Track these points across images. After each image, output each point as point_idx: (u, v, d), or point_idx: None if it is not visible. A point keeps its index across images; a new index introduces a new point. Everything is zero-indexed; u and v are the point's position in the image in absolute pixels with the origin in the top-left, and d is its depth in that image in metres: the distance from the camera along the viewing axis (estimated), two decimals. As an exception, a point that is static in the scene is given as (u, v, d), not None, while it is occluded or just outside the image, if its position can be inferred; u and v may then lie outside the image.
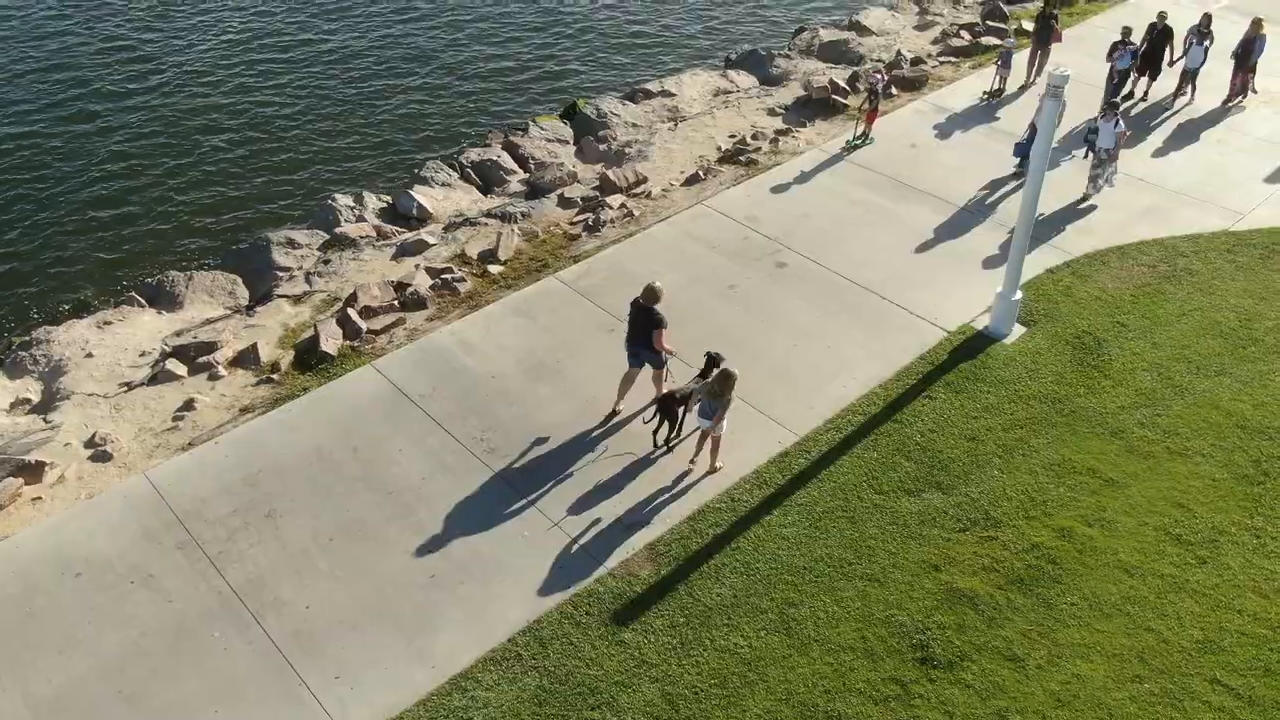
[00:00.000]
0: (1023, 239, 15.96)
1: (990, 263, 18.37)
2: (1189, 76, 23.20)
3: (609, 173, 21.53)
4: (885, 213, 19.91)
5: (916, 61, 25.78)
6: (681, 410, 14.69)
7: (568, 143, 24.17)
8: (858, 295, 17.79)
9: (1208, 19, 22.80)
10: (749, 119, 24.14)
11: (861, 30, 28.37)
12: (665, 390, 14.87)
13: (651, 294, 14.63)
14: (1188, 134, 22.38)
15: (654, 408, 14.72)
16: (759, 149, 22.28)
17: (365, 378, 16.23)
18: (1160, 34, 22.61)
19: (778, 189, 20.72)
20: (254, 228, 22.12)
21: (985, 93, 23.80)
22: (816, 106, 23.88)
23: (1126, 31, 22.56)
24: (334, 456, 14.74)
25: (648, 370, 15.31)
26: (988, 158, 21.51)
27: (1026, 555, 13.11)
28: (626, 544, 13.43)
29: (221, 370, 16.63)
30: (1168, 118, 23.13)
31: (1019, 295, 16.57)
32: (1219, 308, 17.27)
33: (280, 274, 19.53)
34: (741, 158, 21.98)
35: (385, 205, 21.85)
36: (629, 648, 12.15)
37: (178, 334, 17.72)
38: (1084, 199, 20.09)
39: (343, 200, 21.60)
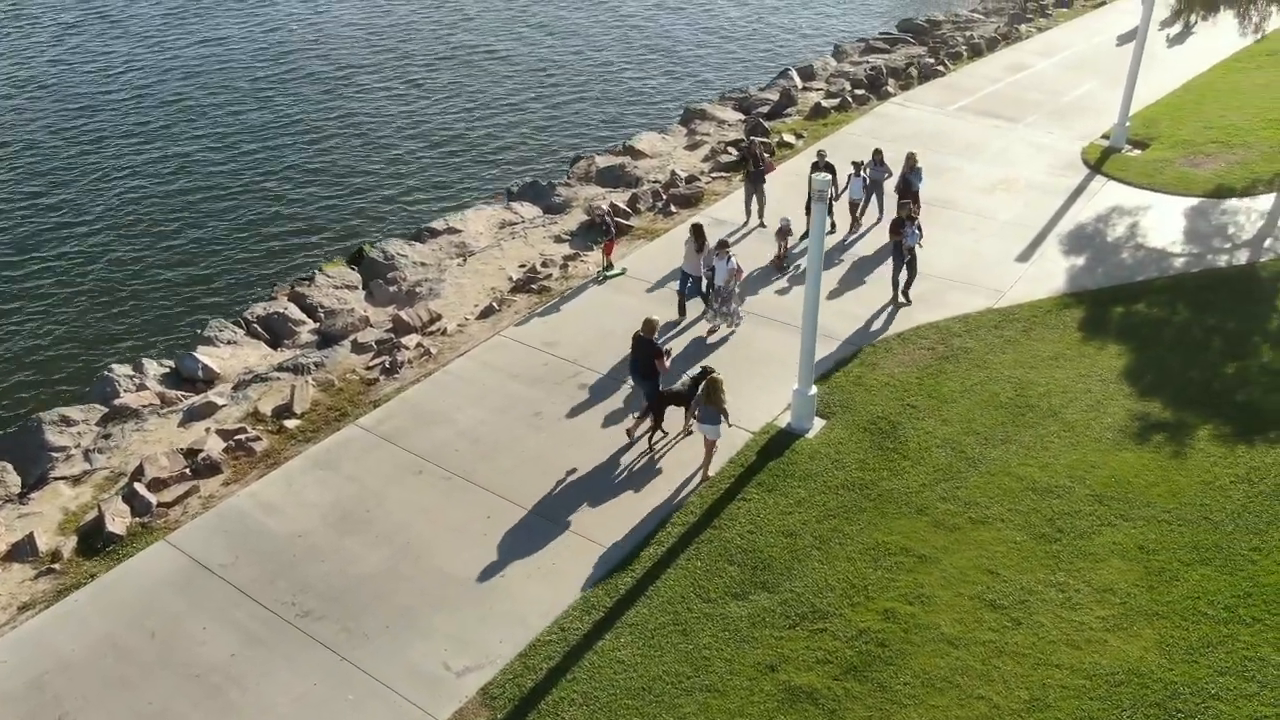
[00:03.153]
0: (810, 337, 16.63)
1: (783, 362, 18.95)
2: (852, 208, 23.58)
3: (402, 313, 21.29)
4: (675, 325, 20.40)
5: (691, 179, 26.91)
6: (670, 409, 16.77)
7: (356, 288, 23.84)
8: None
9: (879, 153, 23.54)
10: (537, 248, 24.49)
11: (635, 154, 29.46)
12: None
13: (650, 326, 16.72)
14: (945, 224, 24.01)
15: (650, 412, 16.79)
16: (550, 275, 22.56)
17: (159, 555, 15.18)
18: (823, 171, 22.38)
19: (573, 313, 20.96)
20: (21, 409, 20.65)
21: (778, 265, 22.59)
22: (601, 229, 24.44)
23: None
24: (129, 644, 13.60)
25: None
26: (765, 265, 22.42)
27: (856, 642, 13.30)
28: (458, 692, 12.87)
29: (-7, 567, 15.22)
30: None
31: (814, 390, 17.18)
32: (995, 380, 18.38)
33: (55, 455, 18.17)
34: (534, 286, 22.19)
35: (168, 370, 20.82)
36: (472, 802, 11.53)
37: (-60, 534, 16.16)
38: (712, 331, 20.04)
39: (121, 370, 20.46)
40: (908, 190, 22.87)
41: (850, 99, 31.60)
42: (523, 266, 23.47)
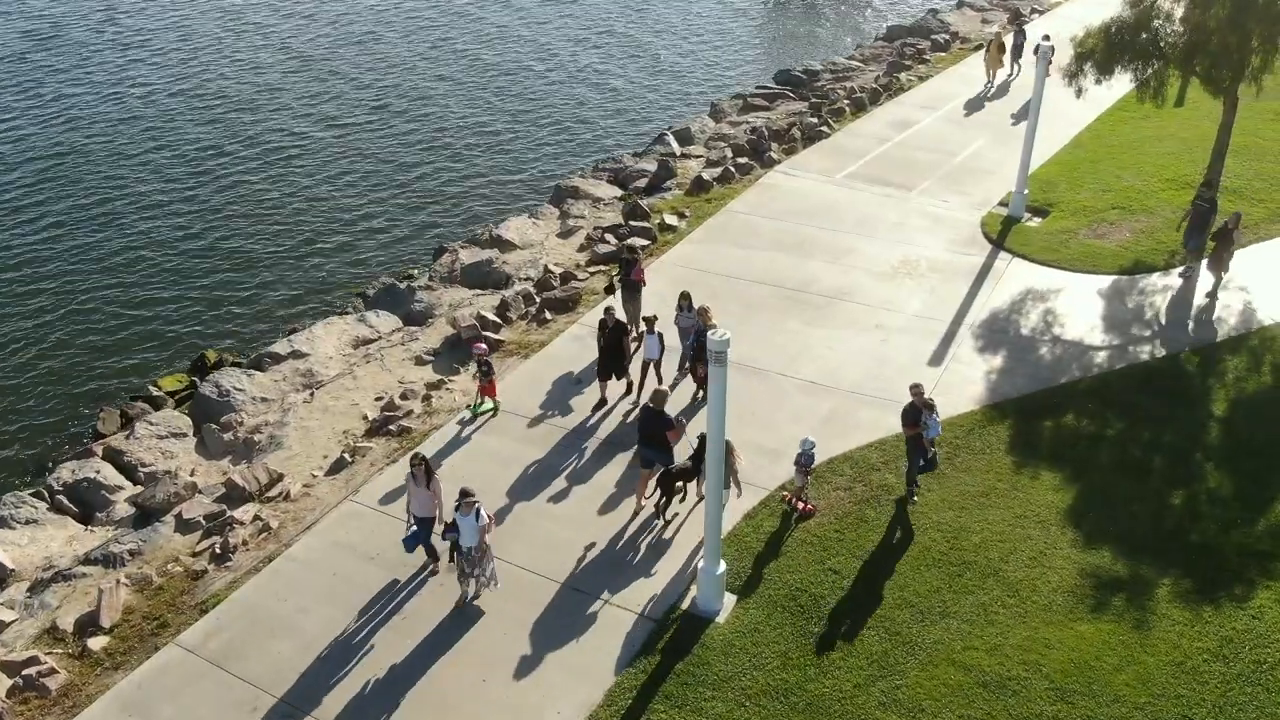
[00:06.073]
0: (715, 510, 14.14)
1: (684, 524, 16.50)
2: (647, 367, 19.41)
3: (235, 476, 18.14)
4: (561, 474, 17.73)
5: (566, 278, 24.30)
6: (680, 485, 16.50)
7: (185, 435, 20.39)
8: (546, 591, 15.35)
9: (686, 297, 20.03)
10: (395, 373, 21.52)
11: (504, 245, 26.70)
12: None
13: (662, 398, 16.48)
14: (845, 321, 21.87)
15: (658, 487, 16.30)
16: (411, 412, 19.68)
17: None
18: (615, 329, 19.04)
19: (436, 460, 18.02)
20: None
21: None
22: (469, 347, 21.61)
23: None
24: None
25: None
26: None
27: None
28: None
29: None
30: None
31: (723, 568, 14.69)
32: (923, 528, 16.20)
33: None
34: (392, 426, 19.29)
35: (-53, 568, 17.28)
36: None
37: None
38: (459, 604, 15.18)
39: (-113, 573, 16.87)
40: (702, 349, 18.18)
41: (733, 169, 29.43)
42: (379, 400, 20.50)
